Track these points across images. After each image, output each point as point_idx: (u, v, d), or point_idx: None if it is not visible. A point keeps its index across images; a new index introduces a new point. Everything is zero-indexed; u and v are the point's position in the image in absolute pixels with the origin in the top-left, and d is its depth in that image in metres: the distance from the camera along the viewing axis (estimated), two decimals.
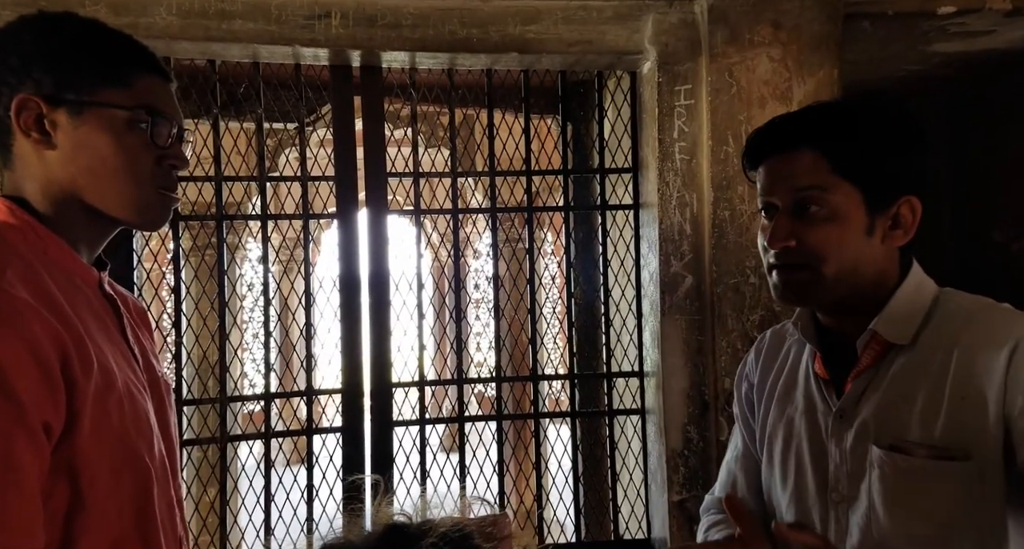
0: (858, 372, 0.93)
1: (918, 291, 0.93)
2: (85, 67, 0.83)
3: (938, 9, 1.98)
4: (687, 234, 1.98)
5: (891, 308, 0.91)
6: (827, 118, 0.93)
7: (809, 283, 0.91)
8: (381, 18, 1.90)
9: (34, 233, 0.82)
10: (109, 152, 0.83)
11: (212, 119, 2.03)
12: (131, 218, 0.87)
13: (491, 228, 2.22)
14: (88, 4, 1.74)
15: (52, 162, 0.83)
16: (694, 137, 1.97)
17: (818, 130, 0.91)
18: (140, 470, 0.81)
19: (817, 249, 0.90)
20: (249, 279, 4.22)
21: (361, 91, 2.08)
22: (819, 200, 0.90)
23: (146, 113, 0.84)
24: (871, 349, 0.92)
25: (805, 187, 0.90)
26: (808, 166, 0.90)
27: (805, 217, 0.90)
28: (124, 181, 0.84)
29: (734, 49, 1.92)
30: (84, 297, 0.84)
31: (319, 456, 2.09)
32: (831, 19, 1.92)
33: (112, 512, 0.78)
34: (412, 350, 2.20)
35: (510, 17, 1.94)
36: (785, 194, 0.92)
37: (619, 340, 2.23)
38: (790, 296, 0.93)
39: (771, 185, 0.94)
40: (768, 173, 0.94)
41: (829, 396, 0.96)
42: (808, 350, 1.01)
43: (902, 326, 0.90)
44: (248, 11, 1.83)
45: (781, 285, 0.93)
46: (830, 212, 0.90)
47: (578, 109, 2.43)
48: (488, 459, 2.23)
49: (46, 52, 0.82)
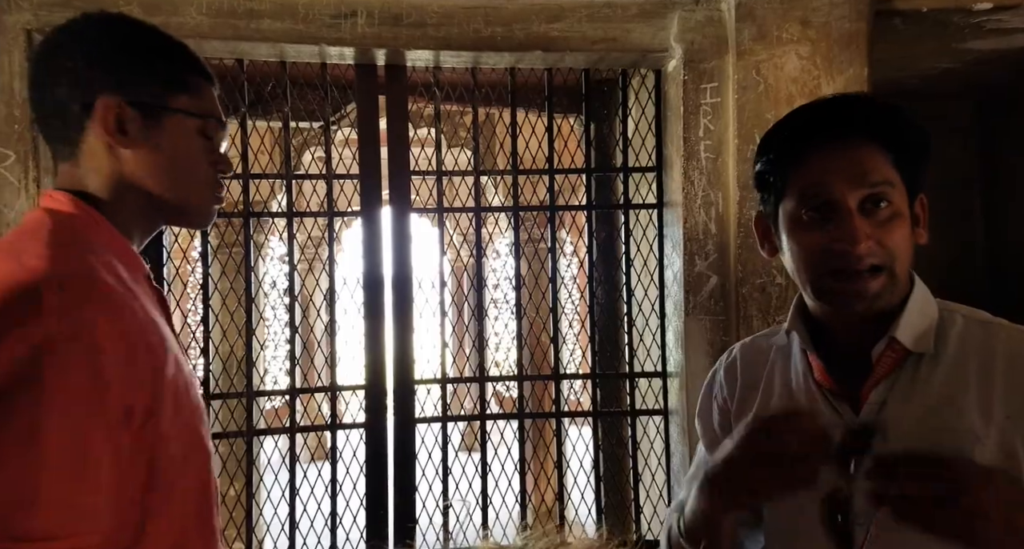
0: (876, 381, 0.86)
1: (927, 297, 0.89)
2: (162, 73, 0.87)
3: (974, 5, 1.94)
4: (712, 233, 1.96)
5: (908, 315, 0.85)
6: (882, 110, 0.85)
7: (885, 287, 0.83)
8: (406, 17, 1.91)
9: (97, 225, 0.85)
10: (183, 156, 0.88)
11: (240, 118, 2.05)
12: (186, 216, 0.93)
13: (513, 227, 2.22)
14: (122, 4, 1.77)
15: (125, 160, 0.86)
16: (720, 135, 1.95)
17: (878, 121, 0.84)
18: (202, 453, 0.85)
19: (894, 247, 0.82)
20: (273, 276, 4.26)
21: (385, 90, 2.09)
22: (889, 196, 0.83)
23: (215, 122, 0.91)
24: (887, 357, 0.86)
25: (878, 182, 0.82)
26: (876, 159, 0.83)
27: (873, 216, 0.82)
28: (190, 183, 0.90)
29: (762, 46, 1.89)
30: (142, 287, 0.87)
31: (342, 451, 2.11)
32: (861, 16, 1.89)
33: (179, 493, 0.81)
34: (434, 348, 2.21)
35: (534, 15, 1.94)
36: (854, 189, 0.82)
37: (641, 340, 2.22)
38: (858, 304, 0.83)
39: (832, 179, 0.83)
40: (824, 165, 0.84)
41: (841, 408, 0.87)
42: (798, 361, 0.93)
43: (922, 334, 0.85)
44: (276, 10, 1.85)
45: (857, 291, 0.82)
46: (895, 210, 0.83)
47: (601, 108, 2.42)
48: (510, 458, 2.24)
49: (132, 56, 0.86)
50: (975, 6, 1.95)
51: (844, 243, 0.82)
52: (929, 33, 2.10)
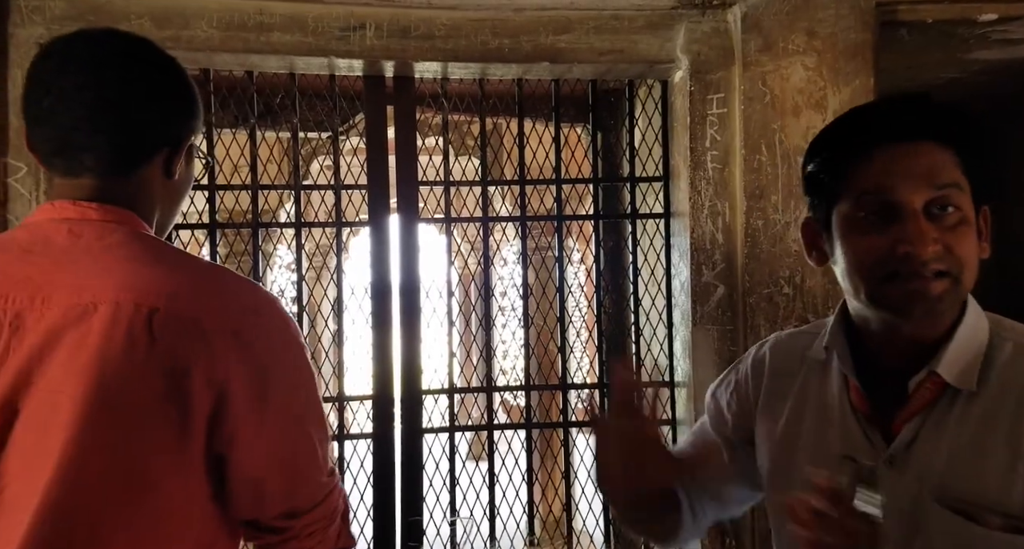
0: (910, 414, 0.80)
1: (978, 324, 0.82)
2: (199, 119, 0.96)
3: (979, 16, 1.94)
4: (719, 243, 1.96)
5: (955, 346, 0.79)
6: (950, 111, 0.80)
7: (945, 295, 0.77)
8: (414, 29, 1.93)
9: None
10: (188, 183, 0.98)
11: (249, 129, 2.07)
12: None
13: (521, 236, 2.22)
14: (133, 18, 1.79)
15: (168, 189, 0.93)
16: (726, 146, 1.96)
17: (946, 123, 0.79)
18: None
19: (962, 254, 0.76)
20: (281, 285, 4.28)
21: (393, 101, 2.10)
22: (957, 200, 0.77)
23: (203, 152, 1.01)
24: (925, 389, 0.80)
25: (946, 184, 0.77)
26: (944, 161, 0.78)
27: (940, 221, 0.76)
28: (181, 205, 0.99)
29: (768, 57, 1.90)
30: None
31: (350, 462, 2.11)
32: (867, 27, 1.89)
33: None
34: (442, 357, 2.21)
35: (542, 27, 1.95)
36: (920, 190, 0.76)
37: (649, 349, 2.22)
38: (918, 306, 0.77)
39: (895, 180, 0.77)
40: (887, 165, 0.78)
41: (873, 436, 0.82)
42: (838, 378, 0.87)
43: (967, 368, 0.79)
44: (286, 23, 1.87)
45: (919, 291, 0.76)
46: (963, 216, 0.77)
47: (608, 118, 2.43)
48: (517, 467, 2.23)
49: (187, 104, 0.93)
50: (980, 17, 1.96)
51: (908, 245, 0.75)
52: (935, 43, 2.11)
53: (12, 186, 1.76)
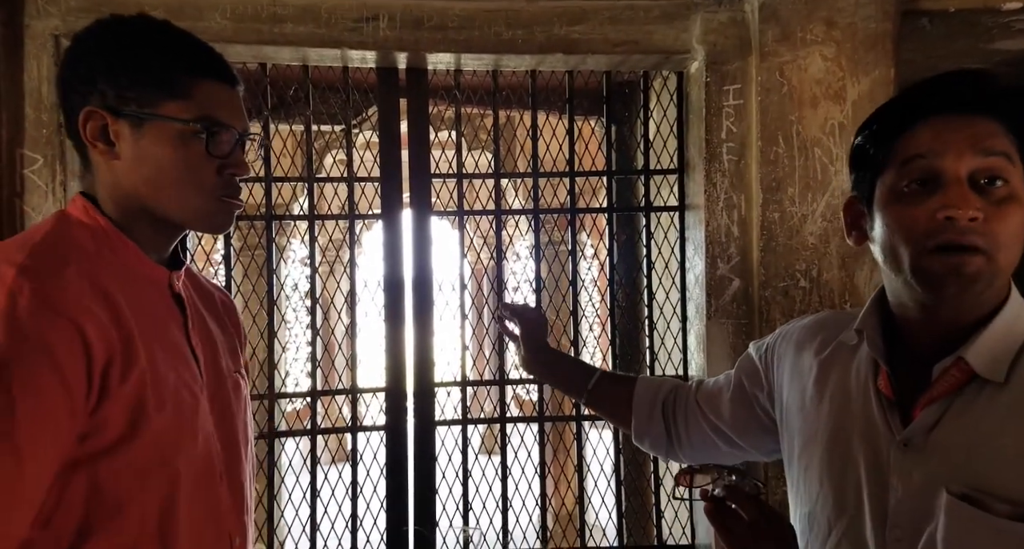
0: (931, 399, 0.79)
1: (1017, 318, 0.79)
2: (146, 79, 0.84)
3: (1003, 4, 1.90)
4: (734, 236, 1.94)
5: (989, 334, 0.77)
6: (1010, 88, 0.78)
7: (982, 272, 0.74)
8: (427, 20, 1.91)
9: (103, 233, 0.85)
10: (168, 164, 0.84)
11: (262, 121, 2.07)
12: (194, 225, 0.90)
13: (534, 229, 2.21)
14: (147, 9, 1.78)
15: (118, 171, 0.85)
16: (743, 137, 1.93)
17: (999, 96, 0.77)
18: (170, 473, 0.82)
19: (1001, 232, 0.73)
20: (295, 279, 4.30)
21: (406, 93, 2.10)
22: (1006, 172, 0.74)
23: (203, 125, 0.85)
24: (950, 376, 0.78)
25: (995, 151, 0.74)
26: (996, 132, 0.75)
27: (986, 194, 0.74)
28: (184, 191, 0.86)
29: (785, 48, 1.87)
30: (148, 296, 0.87)
31: (363, 454, 2.11)
32: (888, 16, 1.86)
33: (135, 512, 0.79)
34: (454, 350, 2.21)
35: (556, 18, 1.94)
36: (966, 157, 0.74)
37: (663, 343, 2.21)
38: (952, 284, 0.75)
39: (940, 146, 0.75)
40: (933, 134, 0.76)
41: (892, 420, 0.82)
42: (866, 362, 0.87)
43: (998, 360, 0.76)
44: (299, 15, 1.86)
45: (955, 267, 0.73)
46: (1011, 191, 0.74)
47: (623, 110, 2.41)
48: (529, 461, 2.23)
49: (111, 63, 0.83)
50: (1004, 6, 1.92)
51: (949, 210, 0.73)
52: (957, 33, 2.06)
53: (28, 177, 1.78)
